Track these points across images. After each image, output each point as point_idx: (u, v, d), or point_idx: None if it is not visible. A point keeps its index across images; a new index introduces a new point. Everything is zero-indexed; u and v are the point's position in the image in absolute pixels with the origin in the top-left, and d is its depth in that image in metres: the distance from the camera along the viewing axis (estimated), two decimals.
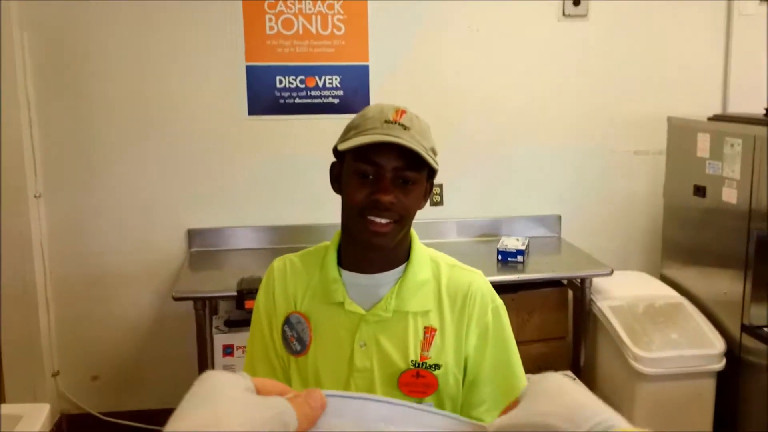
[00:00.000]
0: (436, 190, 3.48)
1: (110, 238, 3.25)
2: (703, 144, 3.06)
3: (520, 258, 3.11)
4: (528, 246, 3.21)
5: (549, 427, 0.49)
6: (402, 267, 1.35)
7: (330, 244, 1.40)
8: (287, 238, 3.24)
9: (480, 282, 1.38)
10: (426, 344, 1.31)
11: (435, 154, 1.32)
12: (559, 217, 3.59)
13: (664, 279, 3.36)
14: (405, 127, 1.26)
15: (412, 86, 3.37)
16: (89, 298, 3.26)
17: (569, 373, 3.02)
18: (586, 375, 3.13)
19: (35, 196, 3.10)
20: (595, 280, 3.12)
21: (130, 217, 3.25)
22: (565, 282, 3.25)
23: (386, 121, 1.26)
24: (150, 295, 3.30)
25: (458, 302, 1.34)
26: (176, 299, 2.77)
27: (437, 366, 1.30)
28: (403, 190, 1.27)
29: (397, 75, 3.35)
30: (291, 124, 3.26)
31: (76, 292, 3.24)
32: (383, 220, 1.26)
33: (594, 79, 3.49)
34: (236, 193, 3.32)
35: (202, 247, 3.30)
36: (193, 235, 3.30)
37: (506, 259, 3.12)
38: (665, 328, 2.94)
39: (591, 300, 3.09)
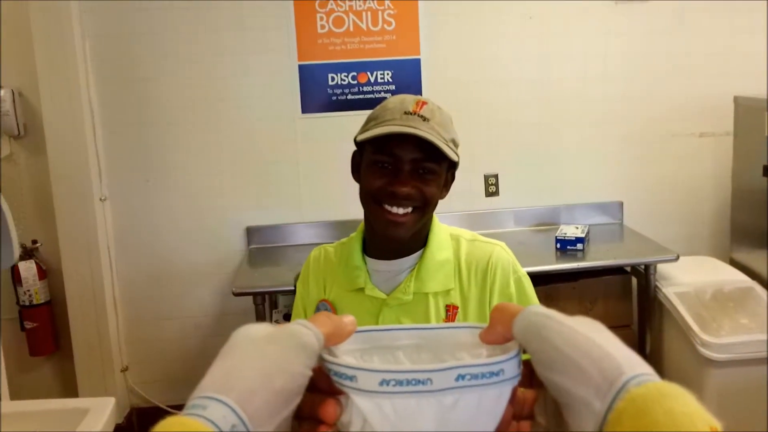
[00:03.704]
0: (491, 180, 3.44)
1: (173, 238, 3.34)
2: None
3: (579, 246, 3.04)
4: (588, 234, 3.13)
5: (581, 369, 0.47)
6: (422, 251, 1.36)
7: (356, 233, 1.43)
8: (343, 233, 3.24)
9: (500, 253, 1.37)
10: (449, 322, 1.32)
11: (456, 145, 1.32)
12: (621, 204, 3.49)
13: (734, 263, 3.23)
14: (424, 119, 1.25)
15: (465, 77, 3.34)
16: (154, 297, 3.36)
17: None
18: (653, 363, 2.99)
19: (101, 200, 3.21)
20: (660, 267, 3.03)
21: (190, 217, 3.33)
22: (628, 269, 3.17)
23: (406, 113, 1.26)
24: (212, 292, 3.38)
25: (479, 276, 1.34)
26: (236, 295, 2.83)
27: None
28: (421, 181, 1.27)
29: (449, 67, 3.33)
30: (344, 121, 3.27)
31: (141, 291, 3.34)
32: (401, 210, 1.27)
33: (655, 62, 3.38)
34: (293, 191, 3.36)
35: (260, 244, 3.36)
36: (252, 232, 3.36)
37: (565, 247, 3.05)
38: (735, 313, 2.83)
39: (656, 287, 3.00)
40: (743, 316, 2.81)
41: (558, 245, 3.07)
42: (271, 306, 3.07)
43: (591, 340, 0.48)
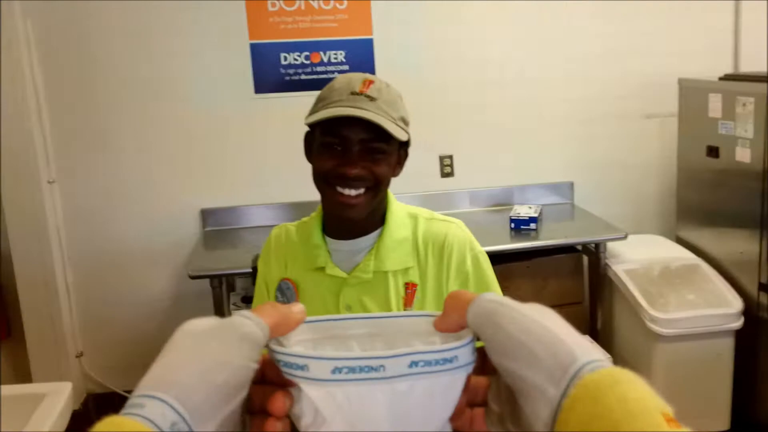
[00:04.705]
0: (446, 161, 3.47)
1: (125, 221, 3.28)
2: (715, 104, 3.03)
3: (533, 225, 3.10)
4: (541, 213, 3.20)
5: (534, 355, 0.47)
6: (380, 229, 1.38)
7: (316, 212, 1.43)
8: (299, 214, 3.22)
9: (456, 231, 1.39)
10: (408, 300, 1.34)
11: (406, 123, 1.32)
12: (572, 184, 3.57)
13: (680, 241, 3.34)
14: (371, 98, 1.25)
15: (419, 58, 3.35)
16: (109, 281, 3.30)
17: (587, 336, 3.03)
18: (603, 339, 3.13)
19: (48, 182, 3.13)
20: (610, 245, 3.11)
21: (143, 199, 3.28)
22: (579, 248, 3.25)
23: (353, 93, 1.26)
24: (168, 276, 3.34)
25: (436, 253, 1.37)
26: (192, 278, 2.80)
27: None
28: (372, 161, 1.28)
29: (402, 47, 3.34)
30: (297, 101, 3.24)
31: (95, 275, 3.28)
32: (353, 192, 1.28)
33: (604, 44, 3.45)
34: (247, 172, 3.34)
35: (216, 226, 3.33)
36: (206, 214, 3.32)
37: (519, 227, 3.11)
38: (682, 289, 2.93)
39: (606, 264, 3.09)
40: (689, 291, 2.92)
41: (512, 225, 3.12)
42: (228, 289, 3.06)
43: (544, 326, 0.48)
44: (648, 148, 3.59)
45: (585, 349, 0.47)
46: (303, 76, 3.29)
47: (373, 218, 1.37)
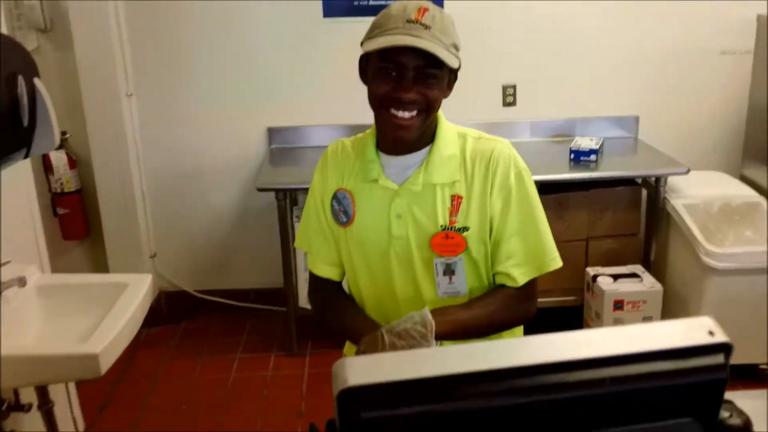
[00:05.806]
0: (509, 90, 3.47)
1: (198, 134, 3.43)
2: None
3: (593, 157, 3.11)
4: (602, 146, 3.19)
5: None
6: (430, 146, 1.47)
7: (370, 130, 1.53)
8: None
9: (502, 148, 1.47)
10: (454, 210, 1.44)
11: (457, 49, 1.38)
12: (637, 118, 3.53)
13: (744, 179, 3.29)
14: (426, 26, 1.31)
15: None
16: (181, 190, 3.49)
17: (639, 266, 3.06)
18: (656, 269, 3.15)
19: (127, 95, 3.29)
20: (671, 180, 3.10)
21: (214, 115, 3.41)
22: (639, 181, 3.24)
23: (408, 21, 1.31)
24: (236, 188, 3.50)
25: (482, 169, 1.45)
26: (260, 190, 2.96)
27: (465, 228, 1.44)
28: (425, 85, 1.35)
29: None
30: (364, 26, 3.25)
31: (168, 184, 3.48)
32: (407, 114, 1.36)
33: None
34: (312, 93, 3.42)
35: (281, 144, 3.45)
36: (272, 132, 3.44)
37: (579, 158, 3.12)
38: (740, 226, 2.91)
39: (665, 198, 3.08)
40: (748, 228, 2.90)
41: (572, 156, 3.13)
42: (291, 203, 3.20)
43: None
44: (720, 85, 3.50)
45: None
46: (372, 2, 3.32)
47: (424, 136, 1.45)
